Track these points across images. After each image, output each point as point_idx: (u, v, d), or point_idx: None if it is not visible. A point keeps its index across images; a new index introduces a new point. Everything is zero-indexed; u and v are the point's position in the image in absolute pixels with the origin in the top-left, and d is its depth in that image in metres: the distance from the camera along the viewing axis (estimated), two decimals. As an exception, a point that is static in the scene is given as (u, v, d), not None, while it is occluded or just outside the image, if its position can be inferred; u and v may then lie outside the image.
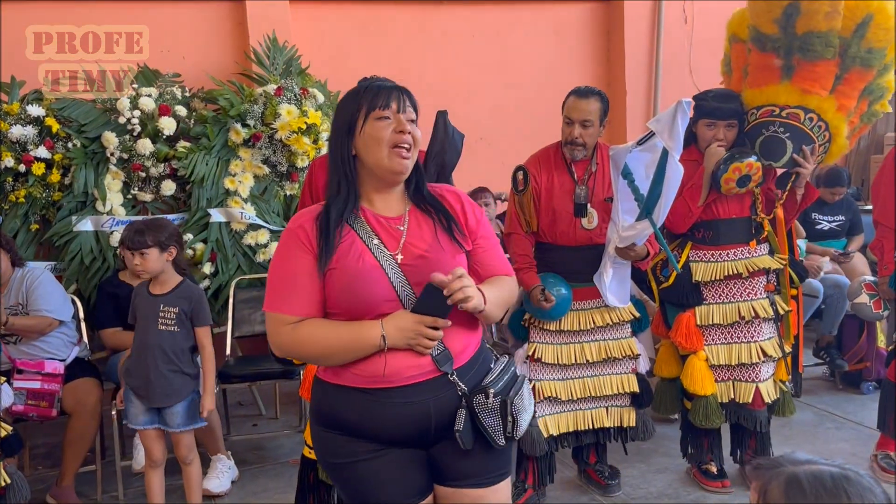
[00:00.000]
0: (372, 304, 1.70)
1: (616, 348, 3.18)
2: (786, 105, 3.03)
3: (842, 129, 3.06)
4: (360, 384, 1.72)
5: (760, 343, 3.19)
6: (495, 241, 1.94)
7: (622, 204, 2.99)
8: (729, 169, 2.99)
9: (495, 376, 1.77)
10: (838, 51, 2.94)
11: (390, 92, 1.76)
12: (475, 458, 1.77)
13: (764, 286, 3.21)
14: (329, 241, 1.72)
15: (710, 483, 3.34)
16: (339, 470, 1.87)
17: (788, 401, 3.33)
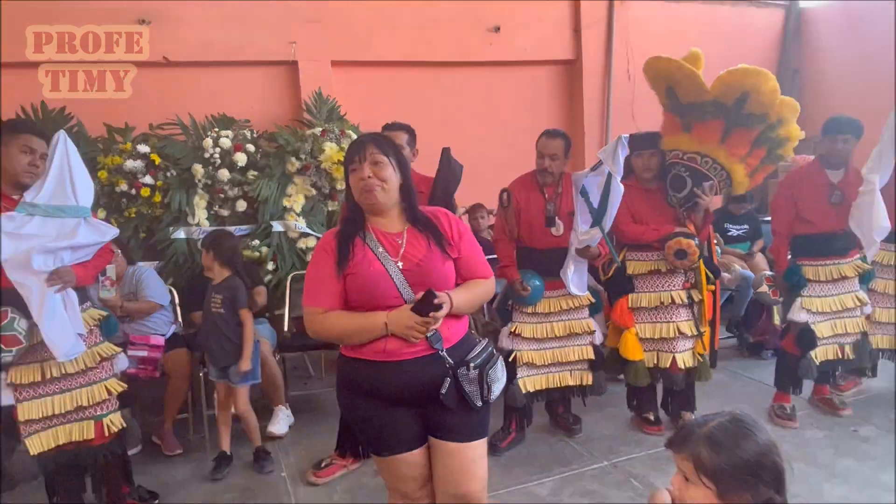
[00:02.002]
0: (381, 300, 1.75)
1: (577, 326, 3.24)
2: (687, 151, 3.09)
3: (736, 169, 3.10)
4: (370, 357, 1.76)
5: (677, 323, 3.25)
6: (477, 250, 1.93)
7: (580, 216, 3.05)
8: (673, 240, 3.08)
9: (476, 353, 1.79)
10: (719, 114, 2.98)
11: (358, 146, 1.81)
12: (457, 418, 1.79)
13: (682, 281, 3.24)
14: (343, 252, 1.78)
15: (649, 427, 3.39)
16: (358, 422, 1.95)
17: (705, 369, 3.34)
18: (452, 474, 1.84)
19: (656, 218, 3.23)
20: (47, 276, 2.39)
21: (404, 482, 1.89)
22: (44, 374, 2.51)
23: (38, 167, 2.46)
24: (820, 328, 3.36)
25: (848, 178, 3.35)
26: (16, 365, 2.47)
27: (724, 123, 2.99)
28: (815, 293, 3.40)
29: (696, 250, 3.07)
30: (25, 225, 2.38)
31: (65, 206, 2.49)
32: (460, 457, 1.83)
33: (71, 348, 2.44)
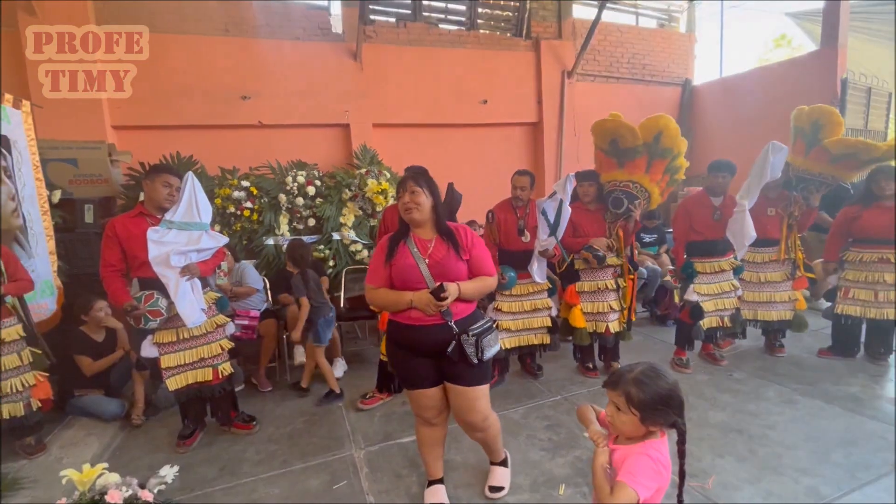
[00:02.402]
0: (412, 284, 1.81)
1: (539, 304, 3.22)
2: (622, 180, 3.08)
3: (654, 191, 3.08)
4: (404, 321, 1.82)
5: (609, 302, 3.23)
6: (485, 256, 1.90)
7: (541, 228, 3.04)
8: (590, 248, 3.14)
9: (476, 326, 1.80)
10: (644, 152, 2.97)
11: (403, 181, 1.87)
12: (462, 369, 1.82)
13: (612, 273, 3.24)
14: (391, 250, 1.85)
15: (589, 373, 3.38)
16: (395, 365, 1.99)
17: (627, 333, 3.34)
18: (460, 408, 1.89)
19: (595, 229, 3.21)
20: (180, 269, 2.42)
21: (424, 410, 1.93)
22: (178, 336, 2.53)
23: (174, 196, 2.48)
24: (706, 305, 3.33)
25: (726, 203, 3.33)
26: (159, 330, 2.49)
27: (647, 158, 2.98)
28: (702, 281, 3.37)
29: (593, 260, 3.13)
30: (165, 235, 2.41)
31: (192, 223, 2.51)
32: (465, 396, 1.86)
33: (196, 319, 2.46)
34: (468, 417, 1.90)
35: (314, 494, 2.16)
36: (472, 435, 2.01)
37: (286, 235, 4.20)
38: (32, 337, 2.59)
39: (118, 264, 2.43)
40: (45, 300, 3.03)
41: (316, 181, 4.36)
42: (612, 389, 1.23)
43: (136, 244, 2.37)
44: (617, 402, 1.22)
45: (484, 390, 1.90)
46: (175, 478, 2.02)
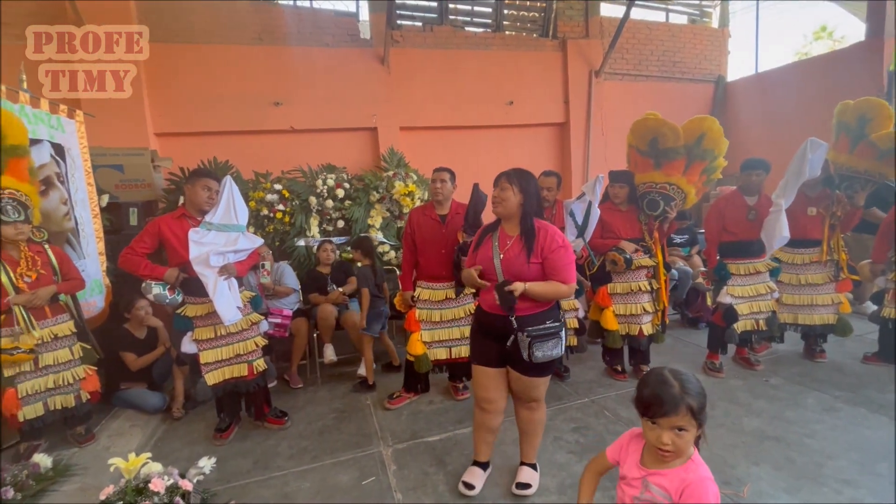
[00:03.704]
0: (487, 275, 1.94)
1: (566, 305, 3.17)
2: (658, 182, 3.01)
3: (691, 191, 3.01)
4: (482, 305, 1.99)
5: (643, 304, 3.16)
6: (562, 262, 1.86)
7: (568, 229, 3.00)
8: (609, 252, 3.08)
9: (535, 328, 1.82)
10: (685, 153, 2.90)
11: (497, 178, 1.95)
12: (519, 360, 1.87)
13: (646, 274, 3.16)
14: (479, 241, 2.02)
15: (618, 376, 3.30)
16: (472, 342, 2.09)
17: (660, 335, 3.26)
18: (517, 388, 1.99)
19: (627, 231, 3.15)
20: (218, 269, 2.50)
21: (482, 389, 2.03)
22: (216, 333, 2.62)
23: (213, 199, 2.58)
24: (740, 308, 3.22)
25: (761, 202, 3.21)
26: (199, 327, 2.59)
27: (686, 160, 2.93)
28: (736, 283, 3.26)
29: (622, 263, 3.04)
30: (205, 236, 2.50)
31: (230, 224, 2.59)
32: (521, 382, 1.95)
33: (233, 317, 2.54)
34: (521, 395, 2.01)
35: (344, 489, 2.20)
36: (520, 413, 2.08)
37: (316, 237, 4.28)
38: (83, 333, 2.73)
39: (144, 255, 2.51)
40: (95, 298, 3.20)
41: (345, 184, 4.43)
42: (673, 414, 1.10)
43: (178, 244, 2.48)
44: (681, 422, 1.11)
45: (540, 381, 1.97)
46: (212, 469, 2.12)
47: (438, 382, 3.31)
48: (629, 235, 3.15)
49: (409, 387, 3.11)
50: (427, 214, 2.90)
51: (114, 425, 2.89)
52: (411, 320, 2.91)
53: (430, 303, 2.89)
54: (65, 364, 2.59)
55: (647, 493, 1.18)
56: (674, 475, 1.16)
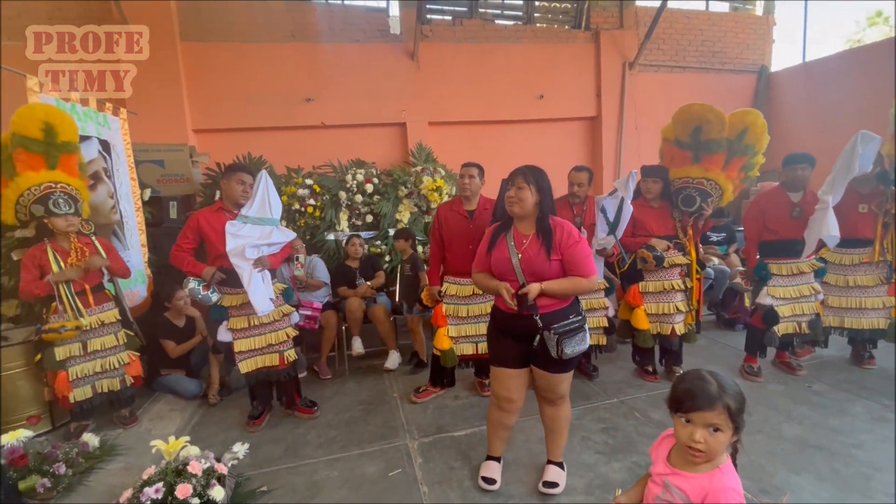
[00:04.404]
0: (504, 276, 1.89)
1: (595, 303, 3.13)
2: (695, 177, 2.91)
3: (729, 188, 2.91)
4: (502, 307, 1.93)
5: (676, 303, 3.06)
6: (581, 256, 1.83)
7: (599, 226, 2.95)
8: (640, 249, 3.01)
9: (561, 324, 1.82)
10: (726, 147, 2.79)
11: (512, 175, 1.91)
12: (546, 358, 1.86)
13: (679, 272, 3.06)
14: (493, 241, 1.96)
15: (648, 377, 3.23)
16: (491, 343, 2.07)
17: (692, 335, 3.16)
18: (541, 386, 1.98)
19: (660, 227, 3.06)
20: (253, 261, 2.58)
21: (501, 389, 2.01)
22: (250, 323, 2.70)
23: (248, 193, 2.65)
24: (781, 310, 3.08)
25: (806, 199, 3.06)
26: (233, 317, 2.68)
27: (726, 154, 2.83)
28: (777, 284, 3.12)
29: (652, 261, 2.96)
30: (241, 229, 2.58)
31: (265, 218, 2.66)
32: (546, 380, 1.94)
33: (265, 308, 2.61)
34: (545, 393, 2.00)
35: (371, 480, 2.24)
36: (545, 409, 2.06)
37: (345, 231, 4.34)
38: (126, 320, 2.87)
39: (190, 250, 2.64)
40: (138, 288, 3.36)
41: (374, 179, 4.47)
42: (709, 410, 1.06)
43: (216, 237, 2.57)
44: (717, 422, 1.06)
45: (566, 376, 1.96)
46: (246, 454, 2.19)
47: (464, 378, 3.32)
48: (661, 232, 3.05)
49: (435, 381, 3.13)
50: (455, 210, 2.90)
51: (154, 409, 3.03)
52: (438, 315, 2.92)
53: (457, 298, 2.89)
54: (111, 349, 2.73)
55: (667, 493, 1.14)
56: (696, 480, 1.10)
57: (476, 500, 2.05)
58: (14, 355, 2.66)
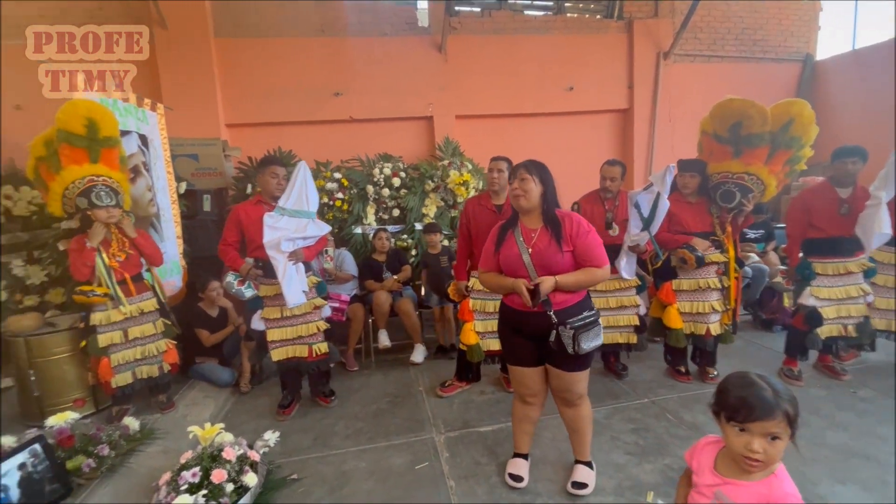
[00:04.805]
0: (515, 272, 1.86)
1: (626, 301, 3.06)
2: (735, 172, 2.78)
3: (772, 183, 2.77)
4: (513, 305, 1.91)
5: (711, 302, 2.96)
6: (592, 246, 1.81)
7: (633, 222, 2.87)
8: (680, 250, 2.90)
9: (576, 319, 1.78)
10: (769, 140, 2.66)
11: (515, 168, 1.89)
12: (562, 356, 1.83)
13: (716, 270, 2.96)
14: (500, 238, 1.93)
15: (681, 377, 3.14)
16: (503, 341, 2.06)
17: (728, 336, 3.05)
18: (558, 386, 1.95)
19: (697, 224, 2.96)
20: (288, 254, 2.63)
21: (521, 386, 2.02)
22: (282, 313, 2.77)
23: (282, 185, 2.71)
24: (826, 311, 2.94)
25: (856, 194, 2.90)
26: (267, 306, 2.75)
27: (769, 148, 2.70)
28: (822, 284, 2.98)
29: (693, 262, 2.85)
30: (278, 221, 2.64)
31: (301, 211, 2.71)
32: (562, 379, 1.91)
33: (297, 300, 2.67)
34: (563, 394, 1.96)
35: (398, 472, 2.26)
36: (564, 412, 2.03)
37: (372, 225, 4.37)
38: (164, 310, 2.98)
39: (235, 243, 2.75)
40: (174, 278, 3.47)
41: (401, 173, 4.47)
42: (769, 419, 1.01)
43: (255, 228, 2.65)
44: (776, 431, 1.01)
45: (582, 374, 1.92)
46: (276, 442, 2.24)
47: (490, 373, 3.31)
48: (698, 229, 2.95)
49: (461, 376, 3.13)
50: (483, 204, 2.87)
51: (190, 395, 3.14)
52: (465, 310, 2.91)
53: (484, 293, 2.87)
54: (150, 337, 2.84)
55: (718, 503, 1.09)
56: (752, 489, 1.06)
57: (503, 496, 2.04)
58: (60, 341, 2.80)
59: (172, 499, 1.79)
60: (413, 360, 3.64)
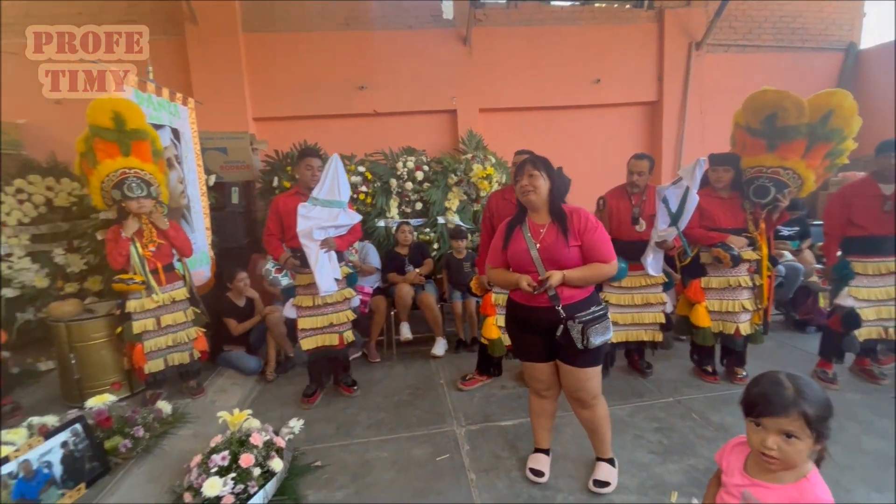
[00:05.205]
0: (523, 268, 1.85)
1: (652, 298, 3.00)
2: (770, 166, 2.69)
3: (810, 177, 2.67)
4: (521, 301, 1.90)
5: (742, 300, 2.88)
6: (599, 241, 1.82)
7: (660, 217, 2.81)
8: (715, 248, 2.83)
9: (585, 313, 1.78)
10: (806, 133, 2.56)
11: (522, 164, 1.89)
12: (571, 351, 1.82)
13: (748, 268, 2.87)
14: (508, 234, 1.92)
15: (707, 377, 3.07)
16: (512, 338, 2.06)
17: (759, 335, 2.96)
18: (569, 385, 1.93)
19: (728, 220, 2.87)
20: (320, 243, 2.70)
21: (535, 381, 2.03)
22: (314, 302, 2.84)
23: (317, 176, 2.77)
24: (865, 313, 2.82)
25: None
26: (300, 294, 2.82)
27: (807, 141, 2.60)
28: (862, 284, 2.85)
29: (728, 262, 2.77)
30: (311, 211, 2.71)
31: (333, 200, 2.77)
32: (574, 376, 1.88)
33: (329, 288, 2.75)
34: (577, 394, 1.94)
35: (418, 463, 2.29)
36: (580, 413, 2.01)
37: (395, 218, 4.40)
38: (194, 299, 3.07)
39: (276, 233, 2.84)
40: (203, 268, 3.58)
41: (424, 166, 4.48)
42: (782, 416, 1.00)
43: (291, 218, 2.72)
44: (790, 429, 1.00)
45: (594, 371, 1.89)
46: (301, 430, 2.30)
47: (511, 368, 3.30)
48: (730, 225, 2.86)
49: (483, 370, 3.14)
50: (507, 198, 2.86)
51: (218, 382, 3.24)
52: (487, 304, 2.92)
53: (506, 288, 2.87)
54: (181, 325, 2.93)
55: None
56: (782, 492, 1.03)
57: (524, 490, 2.04)
58: (99, 327, 2.93)
59: (203, 480, 1.86)
60: (434, 354, 3.67)
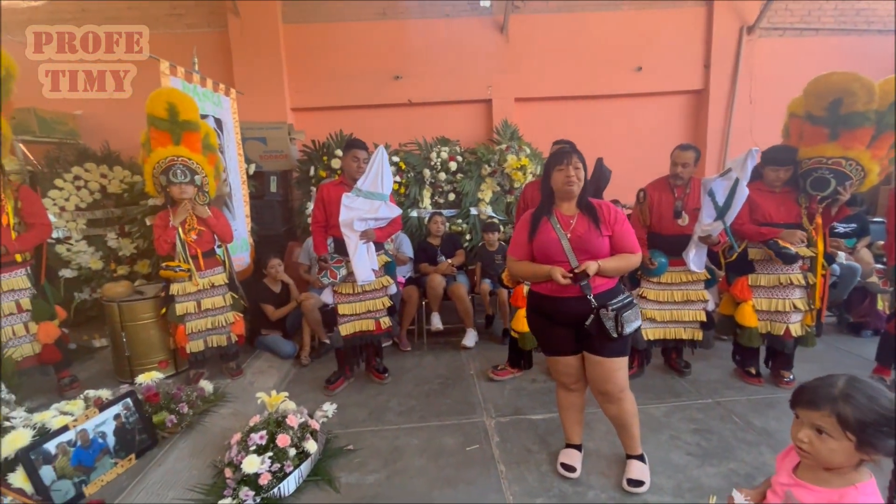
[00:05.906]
0: (553, 258, 1.84)
1: (693, 295, 2.89)
2: (831, 157, 2.52)
3: (874, 169, 2.50)
4: (546, 293, 1.88)
5: (793, 300, 2.73)
6: (628, 232, 1.85)
7: (705, 211, 2.69)
8: (785, 238, 2.67)
9: (616, 301, 1.78)
10: (874, 121, 2.38)
11: (564, 155, 1.84)
12: (600, 341, 1.81)
13: (801, 266, 2.72)
14: (534, 225, 1.89)
15: (750, 379, 2.94)
16: (536, 332, 2.03)
17: (811, 338, 2.81)
18: (597, 377, 1.90)
19: (781, 215, 2.72)
20: (360, 233, 2.75)
21: (562, 375, 2.01)
22: (353, 289, 2.91)
23: (362, 168, 2.81)
24: (932, 317, 2.63)
25: (977, 186, 2.54)
26: (340, 283, 2.87)
27: (874, 129, 2.43)
28: (928, 286, 2.66)
29: (787, 258, 2.64)
30: (354, 201, 2.76)
31: (375, 192, 2.80)
32: (602, 367, 1.86)
33: (366, 277, 2.81)
34: (604, 387, 1.90)
35: (448, 452, 2.31)
36: (608, 409, 1.96)
37: (428, 209, 4.41)
38: (233, 284, 3.19)
39: (322, 221, 2.90)
40: (243, 255, 3.71)
41: (458, 157, 4.46)
42: (813, 409, 1.00)
43: (334, 208, 2.78)
44: (821, 424, 0.99)
45: (622, 362, 1.87)
46: (334, 414, 2.36)
47: (542, 361, 3.26)
48: (783, 220, 2.71)
49: (513, 362, 3.13)
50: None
51: (256, 364, 3.37)
52: (519, 296, 2.89)
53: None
54: (219, 309, 3.06)
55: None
56: (823, 495, 1.00)
57: (555, 484, 2.03)
58: (147, 308, 3.09)
59: (242, 457, 1.94)
60: (464, 345, 3.68)
